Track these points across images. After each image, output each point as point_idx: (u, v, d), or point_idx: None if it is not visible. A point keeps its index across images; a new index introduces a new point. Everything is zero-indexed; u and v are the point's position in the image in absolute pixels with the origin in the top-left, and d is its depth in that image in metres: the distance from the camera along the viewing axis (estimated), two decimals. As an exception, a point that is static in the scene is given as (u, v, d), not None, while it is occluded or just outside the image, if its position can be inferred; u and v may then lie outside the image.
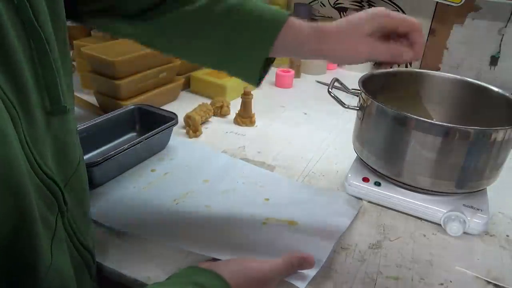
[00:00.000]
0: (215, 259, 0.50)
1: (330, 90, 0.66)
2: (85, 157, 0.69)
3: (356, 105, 0.65)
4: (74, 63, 1.02)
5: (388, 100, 0.60)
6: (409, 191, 0.62)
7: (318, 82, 1.21)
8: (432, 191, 0.60)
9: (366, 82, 0.65)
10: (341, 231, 0.56)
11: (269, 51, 0.49)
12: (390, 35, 0.49)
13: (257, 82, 0.51)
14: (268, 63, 0.52)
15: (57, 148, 0.38)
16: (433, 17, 1.26)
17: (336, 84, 0.69)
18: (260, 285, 0.43)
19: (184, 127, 0.84)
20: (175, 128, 0.75)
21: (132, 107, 0.78)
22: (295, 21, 0.48)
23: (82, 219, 0.43)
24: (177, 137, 0.80)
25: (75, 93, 0.97)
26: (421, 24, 0.49)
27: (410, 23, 0.48)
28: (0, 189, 0.28)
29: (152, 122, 0.73)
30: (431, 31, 1.28)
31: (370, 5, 1.34)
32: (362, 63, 0.50)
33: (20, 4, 0.32)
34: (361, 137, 0.65)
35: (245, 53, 0.50)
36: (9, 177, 0.29)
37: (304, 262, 0.48)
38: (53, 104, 0.36)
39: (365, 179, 0.65)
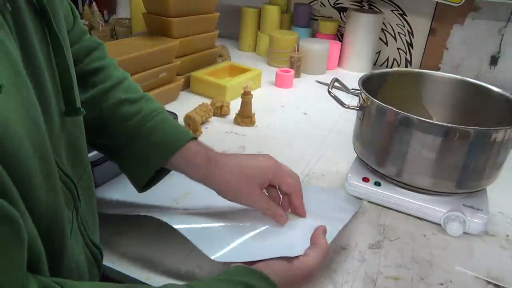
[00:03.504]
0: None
1: (330, 90, 0.66)
2: (85, 157, 0.69)
3: (356, 105, 0.65)
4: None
5: (388, 100, 0.60)
6: (409, 191, 0.62)
7: (318, 82, 1.21)
8: (432, 191, 0.60)
9: (366, 82, 0.65)
10: (342, 224, 0.55)
11: (157, 168, 0.50)
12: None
13: (142, 189, 0.53)
14: (160, 175, 0.53)
15: (70, 147, 0.40)
16: (433, 17, 1.26)
17: (336, 84, 0.69)
18: (301, 281, 0.45)
19: (184, 127, 0.84)
20: (175, 128, 0.75)
21: (132, 107, 0.78)
22: (191, 148, 0.50)
23: (91, 216, 0.45)
24: (177, 137, 0.80)
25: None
26: (300, 190, 0.53)
27: (291, 185, 0.52)
28: (44, 178, 0.29)
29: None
30: (431, 31, 1.28)
31: (370, 5, 1.34)
32: (245, 205, 0.52)
33: (42, 10, 0.34)
34: (361, 137, 0.65)
35: (137, 161, 0.51)
36: (48, 168, 0.30)
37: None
38: (68, 106, 0.37)
39: (365, 179, 0.65)
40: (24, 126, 0.27)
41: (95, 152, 0.71)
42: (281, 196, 0.54)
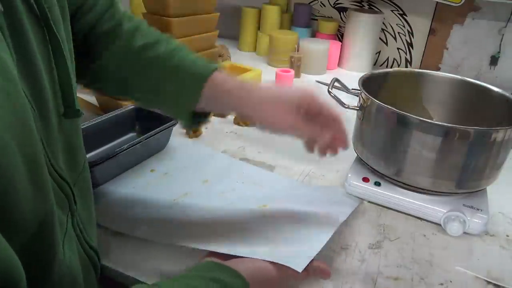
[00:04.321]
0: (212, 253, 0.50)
1: (330, 90, 0.66)
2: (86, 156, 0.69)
3: (356, 105, 0.65)
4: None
5: (388, 100, 0.60)
6: (409, 191, 0.62)
7: (318, 82, 1.21)
8: (432, 191, 0.60)
9: (366, 82, 0.65)
10: (342, 219, 0.55)
11: (195, 104, 0.50)
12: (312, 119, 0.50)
13: (191, 129, 0.53)
14: (205, 114, 0.53)
15: (67, 149, 0.39)
16: (433, 17, 1.26)
17: (336, 84, 0.69)
18: (272, 284, 0.44)
19: (184, 127, 0.84)
20: (175, 128, 0.75)
21: (132, 107, 0.78)
22: (219, 76, 0.49)
23: (88, 219, 0.44)
24: (177, 137, 0.80)
25: (75, 93, 0.96)
26: (342, 116, 0.51)
27: (334, 112, 0.50)
28: (30, 184, 0.29)
29: (152, 122, 0.73)
30: (431, 31, 1.28)
31: (370, 5, 1.34)
32: (281, 134, 0.50)
33: (41, 12, 0.33)
34: (361, 137, 0.65)
35: (173, 103, 0.51)
36: (36, 174, 0.30)
37: (320, 271, 0.47)
38: (67, 107, 0.37)
39: (365, 179, 0.65)
40: (11, 132, 0.27)
41: (94, 152, 0.72)
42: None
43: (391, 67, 1.39)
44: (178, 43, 0.53)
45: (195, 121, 0.52)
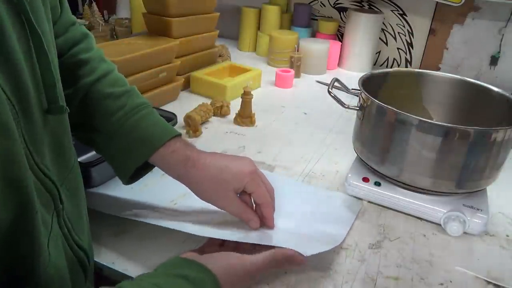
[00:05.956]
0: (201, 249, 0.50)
1: (330, 90, 0.66)
2: (84, 157, 0.69)
3: (356, 105, 0.65)
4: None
5: (388, 100, 0.60)
6: (409, 191, 0.62)
7: (318, 82, 1.21)
8: (432, 191, 0.60)
9: (366, 82, 0.65)
10: (338, 241, 0.55)
11: (136, 166, 0.50)
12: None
13: (127, 181, 0.53)
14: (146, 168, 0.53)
15: (54, 147, 0.39)
16: (433, 17, 1.26)
17: (336, 84, 0.69)
18: (243, 279, 0.44)
19: (184, 127, 0.84)
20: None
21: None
22: (172, 146, 0.50)
23: (78, 219, 0.43)
24: (177, 137, 0.80)
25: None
26: (271, 202, 0.51)
27: (262, 195, 0.50)
28: (1, 181, 0.29)
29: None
30: (431, 31, 1.28)
31: (370, 5, 1.34)
32: (218, 208, 0.51)
33: (20, 5, 0.32)
34: (361, 137, 0.65)
35: (117, 158, 0.51)
36: (10, 171, 0.30)
37: (292, 260, 0.47)
38: (50, 104, 0.36)
39: (365, 179, 0.65)
40: None
41: (93, 152, 0.71)
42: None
43: (391, 67, 1.39)
44: (144, 100, 0.53)
45: (135, 174, 0.52)
